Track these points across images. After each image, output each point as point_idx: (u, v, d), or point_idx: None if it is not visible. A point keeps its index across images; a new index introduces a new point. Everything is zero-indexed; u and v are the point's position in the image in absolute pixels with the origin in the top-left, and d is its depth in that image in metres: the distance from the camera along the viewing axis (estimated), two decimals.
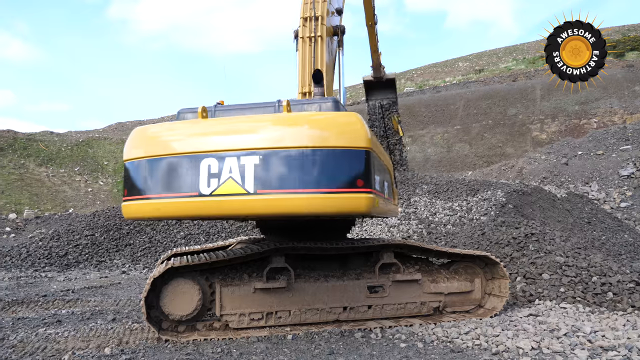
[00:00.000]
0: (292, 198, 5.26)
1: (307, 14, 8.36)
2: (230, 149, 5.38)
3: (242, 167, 5.29)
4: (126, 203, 5.92)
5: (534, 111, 32.74)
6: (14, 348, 5.84)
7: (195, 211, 5.54)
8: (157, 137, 5.91)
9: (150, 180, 5.67)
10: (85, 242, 15.13)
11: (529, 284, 7.93)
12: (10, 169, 39.34)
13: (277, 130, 5.47)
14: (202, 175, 5.39)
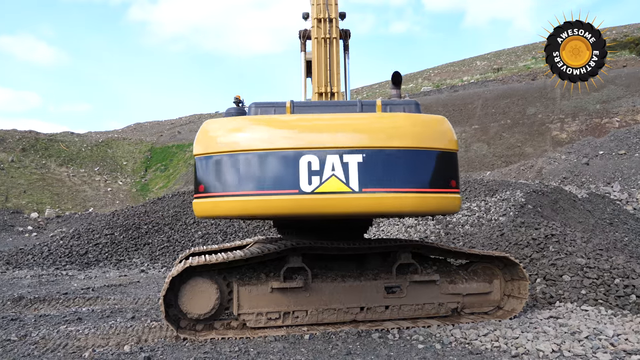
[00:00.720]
0: (399, 197, 5.39)
1: (320, 15, 8.39)
2: (332, 146, 5.34)
3: (346, 165, 5.29)
4: (201, 200, 5.63)
5: (554, 110, 32.32)
6: (36, 344, 5.93)
7: (295, 209, 5.40)
8: (240, 132, 5.65)
9: (236, 176, 5.43)
10: (105, 241, 15.31)
11: (549, 286, 7.82)
12: (32, 169, 40.02)
13: (380, 129, 5.52)
14: (303, 172, 5.30)
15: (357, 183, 5.30)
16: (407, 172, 5.43)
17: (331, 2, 8.57)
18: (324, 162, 5.32)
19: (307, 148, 5.35)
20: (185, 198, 18.31)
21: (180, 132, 55.27)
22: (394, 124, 5.65)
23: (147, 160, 48.97)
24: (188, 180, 40.78)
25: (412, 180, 5.45)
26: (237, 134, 5.62)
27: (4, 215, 31.63)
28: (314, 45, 8.34)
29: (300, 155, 5.32)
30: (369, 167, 5.32)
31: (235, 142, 5.53)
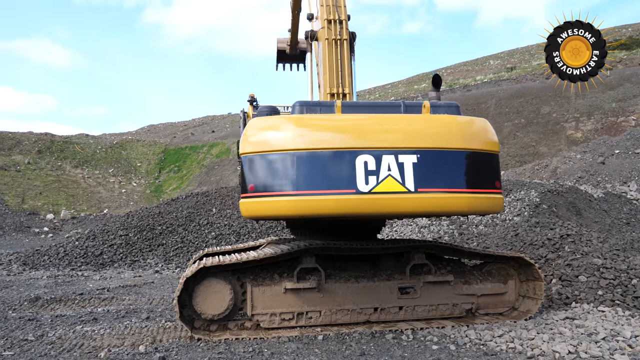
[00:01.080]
0: (452, 197, 5.52)
1: (331, 16, 8.41)
2: (388, 146, 5.39)
3: (401, 165, 5.35)
4: (251, 200, 5.55)
5: (569, 109, 32.00)
6: (53, 344, 5.99)
7: (352, 209, 5.40)
8: (295, 130, 5.55)
9: (292, 175, 5.36)
10: (120, 242, 15.44)
11: (565, 287, 7.74)
12: (48, 171, 40.51)
13: (434, 130, 5.61)
14: (359, 172, 5.32)
15: (412, 183, 5.38)
16: (459, 172, 5.58)
17: (340, 4, 8.62)
18: (380, 162, 5.37)
19: (363, 148, 5.39)
20: (198, 199, 18.41)
21: (193, 134, 55.61)
22: (446, 125, 5.75)
23: (160, 161, 49.33)
24: (201, 181, 41.01)
25: (464, 180, 5.59)
26: (291, 133, 5.54)
27: (21, 216, 32.06)
28: (324, 47, 8.36)
29: (356, 155, 5.35)
30: (424, 168, 5.41)
31: (289, 140, 5.46)
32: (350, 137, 5.49)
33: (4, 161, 39.23)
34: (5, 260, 15.04)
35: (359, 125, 5.65)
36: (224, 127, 56.77)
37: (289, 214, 5.61)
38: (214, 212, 17.22)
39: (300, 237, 7.67)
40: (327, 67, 8.26)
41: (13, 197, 34.75)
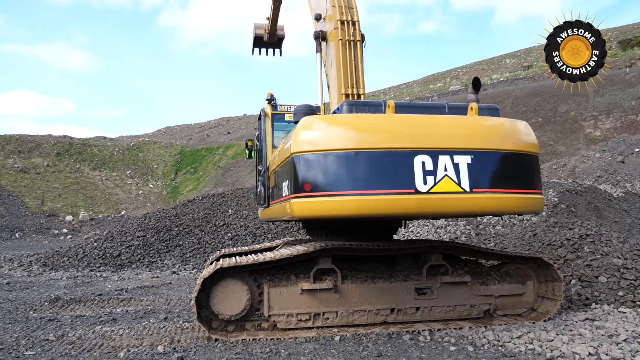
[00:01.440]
0: (504, 198, 5.62)
1: (344, 18, 8.44)
2: (444, 147, 5.47)
3: (457, 166, 5.42)
4: (307, 200, 5.43)
5: (587, 108, 31.59)
6: (73, 345, 6.08)
7: (412, 209, 5.44)
8: (353, 129, 5.55)
9: (352, 175, 5.33)
10: (138, 243, 15.60)
11: (584, 288, 7.64)
12: (67, 173, 41.08)
13: (486, 132, 5.77)
14: (418, 172, 5.36)
15: (468, 184, 5.45)
16: (509, 174, 5.70)
17: (352, 6, 8.64)
18: (437, 163, 5.42)
19: (421, 148, 5.42)
20: (215, 201, 18.52)
21: (209, 136, 56.00)
22: (497, 127, 5.90)
23: (177, 163, 49.75)
24: (217, 183, 41.27)
25: (514, 181, 5.71)
26: (352, 132, 5.53)
27: (41, 218, 32.58)
28: (338, 48, 8.38)
29: (414, 155, 5.38)
30: (478, 169, 5.50)
31: (350, 140, 5.43)
32: (409, 137, 5.50)
33: (24, 164, 39.88)
34: (26, 261, 15.29)
35: (416, 126, 5.68)
36: (239, 128, 57.06)
37: (349, 215, 5.55)
38: (230, 213, 17.31)
39: (316, 238, 7.68)
40: (341, 68, 8.28)
41: (33, 199, 35.31)
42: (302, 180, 5.49)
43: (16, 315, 7.94)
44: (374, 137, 5.45)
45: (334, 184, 5.36)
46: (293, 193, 5.60)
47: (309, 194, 5.41)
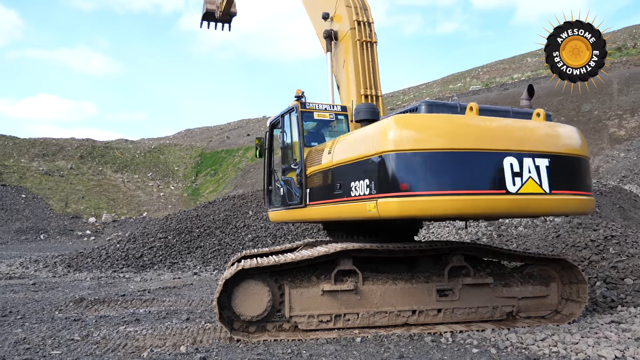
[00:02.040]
0: (575, 199, 5.97)
1: (360, 18, 8.47)
2: (527, 149, 5.69)
3: (537, 168, 5.68)
4: (395, 199, 5.39)
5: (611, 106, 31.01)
6: (98, 344, 6.17)
7: (502, 209, 5.67)
8: (445, 129, 5.61)
9: (451, 174, 5.39)
10: (159, 244, 15.76)
11: (609, 289, 7.51)
12: (89, 176, 41.70)
13: (558, 137, 6.06)
14: (507, 173, 5.53)
15: (547, 185, 5.69)
16: (577, 176, 6.01)
17: (367, 7, 8.68)
18: (522, 165, 5.61)
19: (508, 150, 5.60)
20: (235, 202, 18.62)
21: (229, 137, 56.33)
22: (564, 132, 6.17)
23: (197, 165, 50.15)
24: (237, 184, 41.49)
25: (580, 184, 6.05)
26: (444, 132, 5.58)
27: (64, 220, 33.11)
28: (355, 48, 8.40)
29: (503, 157, 5.54)
30: (554, 171, 5.75)
31: (447, 139, 5.49)
32: (498, 139, 5.68)
33: (48, 167, 40.60)
34: (50, 262, 15.56)
35: (502, 128, 5.83)
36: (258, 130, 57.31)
37: (447, 214, 5.61)
38: (250, 214, 17.40)
39: (337, 239, 7.68)
40: (359, 69, 8.30)
41: (57, 201, 35.92)
42: (394, 178, 5.45)
43: (42, 315, 8.08)
44: (468, 137, 5.55)
45: (428, 183, 5.39)
46: (379, 192, 5.54)
47: (400, 193, 5.38)
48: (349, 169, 6.19)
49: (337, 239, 7.67)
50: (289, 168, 8.04)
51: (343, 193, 6.29)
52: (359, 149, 6.05)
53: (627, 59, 36.69)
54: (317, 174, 7.07)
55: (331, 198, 6.62)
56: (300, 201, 7.43)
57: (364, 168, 5.86)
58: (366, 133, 6.15)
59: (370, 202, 5.67)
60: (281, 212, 8.37)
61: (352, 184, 6.09)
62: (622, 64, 35.51)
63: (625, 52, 39.12)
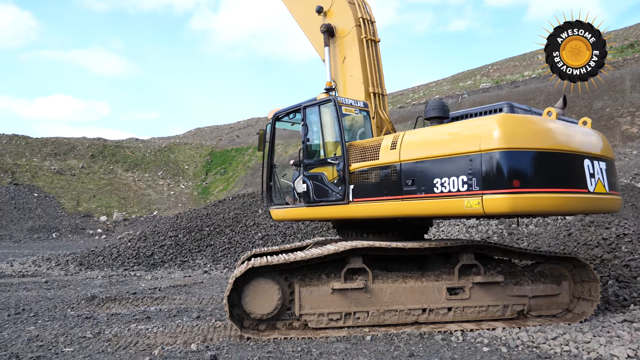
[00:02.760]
0: (619, 199, 6.66)
1: (364, 15, 8.49)
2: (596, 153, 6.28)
3: (601, 171, 6.28)
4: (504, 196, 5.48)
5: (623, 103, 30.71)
6: (109, 342, 6.22)
7: (585, 207, 6.10)
8: (550, 130, 5.97)
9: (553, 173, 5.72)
10: (170, 242, 15.85)
11: (622, 288, 7.45)
12: (100, 175, 42.01)
13: (604, 142, 6.64)
14: (587, 174, 6.05)
15: (607, 186, 6.30)
16: (616, 178, 6.69)
17: (368, 5, 8.69)
18: (594, 167, 6.16)
19: (586, 153, 6.11)
20: (245, 200, 18.68)
21: (238, 136, 56.49)
22: (603, 138, 6.75)
23: (207, 164, 50.35)
24: (247, 183, 41.60)
25: (617, 185, 6.70)
26: (550, 132, 5.97)
27: (76, 218, 33.40)
28: (361, 45, 8.40)
29: (583, 159, 6.04)
30: (607, 173, 6.37)
31: (551, 139, 5.90)
32: (579, 142, 6.15)
33: (60, 165, 40.95)
34: (62, 260, 15.70)
35: (579, 133, 6.34)
36: None
37: (552, 210, 6.02)
38: (260, 213, 17.44)
39: (347, 238, 7.68)
40: (366, 67, 8.30)
41: (69, 200, 36.22)
42: (505, 175, 5.51)
43: (54, 312, 8.16)
44: (561, 139, 6.01)
45: (539, 181, 5.63)
46: (484, 188, 5.57)
47: (512, 189, 5.48)
48: (433, 165, 6.10)
49: (347, 237, 7.67)
50: (320, 163, 7.66)
51: (417, 190, 6.22)
52: (453, 146, 5.96)
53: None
54: (368, 170, 6.92)
55: (394, 195, 6.50)
56: (342, 198, 7.14)
57: (461, 165, 5.80)
58: (463, 130, 6.07)
59: (472, 199, 5.65)
60: (296, 210, 7.95)
61: (436, 181, 6.03)
62: (635, 60, 35.14)
63: (637, 49, 38.69)
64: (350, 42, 8.51)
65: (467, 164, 5.74)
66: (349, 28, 8.53)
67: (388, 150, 6.65)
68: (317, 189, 7.57)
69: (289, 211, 8.15)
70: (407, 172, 6.36)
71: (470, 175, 5.68)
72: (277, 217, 8.53)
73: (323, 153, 7.67)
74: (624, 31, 50.57)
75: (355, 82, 8.39)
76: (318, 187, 7.56)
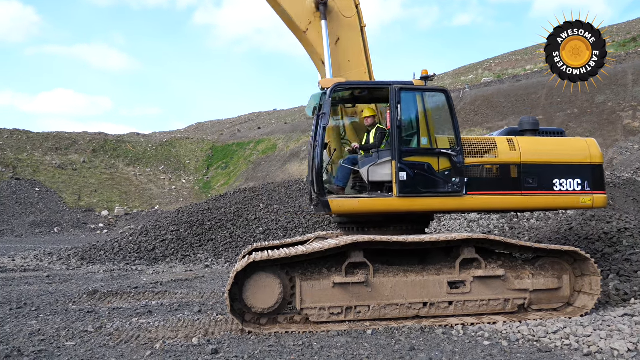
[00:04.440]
0: None
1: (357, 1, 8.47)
2: None
3: None
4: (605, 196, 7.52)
5: (625, 97, 30.59)
6: (111, 336, 6.24)
7: None
8: None
9: None
10: (171, 237, 15.87)
11: (623, 282, 7.45)
12: (102, 169, 42.03)
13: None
14: None
15: None
16: None
17: None
18: None
19: None
20: (246, 195, 18.68)
21: (240, 131, 56.46)
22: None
23: (208, 158, 50.35)
24: (248, 177, 41.60)
25: None
26: None
27: (78, 213, 33.44)
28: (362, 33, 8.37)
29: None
30: None
31: None
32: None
33: (61, 160, 40.98)
34: (64, 255, 15.74)
35: None
36: (269, 123, 57.36)
37: None
38: (261, 207, 17.45)
39: (348, 232, 7.68)
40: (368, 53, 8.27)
41: (70, 194, 36.26)
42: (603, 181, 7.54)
43: (56, 307, 8.19)
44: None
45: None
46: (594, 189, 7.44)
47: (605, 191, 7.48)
48: (551, 168, 7.49)
49: (348, 231, 7.67)
50: (424, 152, 7.24)
51: (539, 187, 7.41)
52: (567, 156, 7.63)
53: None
54: (484, 165, 7.38)
55: (515, 190, 7.41)
56: (459, 190, 7.16)
57: (575, 171, 7.54)
58: (573, 145, 7.83)
59: (586, 196, 7.48)
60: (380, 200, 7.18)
61: (555, 180, 7.46)
62: (638, 54, 34.99)
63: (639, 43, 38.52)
64: (347, 25, 8.39)
65: (578, 171, 7.53)
66: (350, 11, 8.40)
67: (509, 151, 7.46)
68: (422, 179, 7.16)
69: (367, 202, 7.20)
70: (527, 171, 7.42)
71: (582, 179, 7.51)
72: (341, 210, 7.24)
73: (427, 142, 7.30)
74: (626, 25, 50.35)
75: (353, 67, 8.30)
76: (423, 177, 7.17)
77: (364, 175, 7.41)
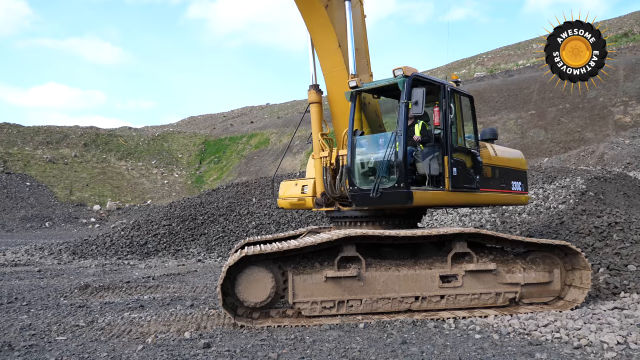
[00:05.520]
0: None
1: None
2: None
3: None
4: None
5: (617, 93, 30.78)
6: (103, 330, 6.22)
7: None
8: None
9: None
10: (163, 231, 15.82)
11: (613, 276, 7.51)
12: (93, 163, 41.80)
13: None
14: None
15: None
16: None
17: None
18: None
19: None
20: (238, 189, 18.65)
21: (232, 125, 56.30)
22: None
23: (201, 152, 50.18)
24: (241, 171, 41.52)
25: None
26: None
27: (69, 208, 33.27)
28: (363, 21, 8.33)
29: None
30: None
31: None
32: None
33: (52, 154, 40.70)
34: (56, 249, 15.65)
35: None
36: (262, 117, 57.24)
37: None
38: (253, 202, 17.43)
39: (340, 226, 7.69)
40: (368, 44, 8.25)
41: (62, 189, 36.05)
42: None
43: (47, 301, 8.15)
44: None
45: None
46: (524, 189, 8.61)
47: None
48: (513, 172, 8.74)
49: (340, 226, 7.67)
50: (463, 150, 7.49)
51: (507, 187, 8.51)
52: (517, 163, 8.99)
53: (634, 44, 36.33)
54: (487, 165, 7.99)
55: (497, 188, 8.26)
56: (479, 186, 7.70)
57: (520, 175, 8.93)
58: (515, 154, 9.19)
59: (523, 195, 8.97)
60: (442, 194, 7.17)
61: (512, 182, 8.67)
62: (629, 50, 35.17)
63: (631, 38, 38.71)
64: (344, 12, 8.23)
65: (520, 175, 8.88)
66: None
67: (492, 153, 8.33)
68: (463, 175, 7.36)
69: (436, 195, 7.12)
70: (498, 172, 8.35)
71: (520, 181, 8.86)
72: (420, 201, 6.91)
73: (462, 141, 7.54)
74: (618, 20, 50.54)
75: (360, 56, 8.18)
76: (464, 173, 7.38)
77: (424, 168, 7.10)
